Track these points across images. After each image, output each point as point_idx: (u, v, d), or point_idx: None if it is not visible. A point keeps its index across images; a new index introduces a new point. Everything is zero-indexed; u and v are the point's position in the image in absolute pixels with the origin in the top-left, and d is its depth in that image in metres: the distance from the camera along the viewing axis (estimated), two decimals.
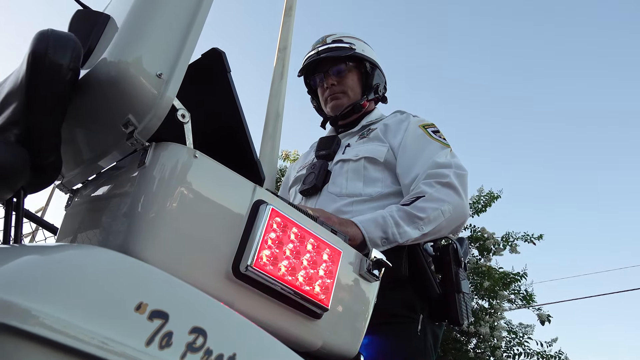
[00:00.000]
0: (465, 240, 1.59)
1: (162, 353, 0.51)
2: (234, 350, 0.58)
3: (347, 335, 1.03)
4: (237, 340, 0.60)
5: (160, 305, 0.54)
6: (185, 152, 0.84)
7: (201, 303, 0.60)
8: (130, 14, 0.89)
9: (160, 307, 0.53)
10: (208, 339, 0.56)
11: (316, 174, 1.65)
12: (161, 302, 0.54)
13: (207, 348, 0.55)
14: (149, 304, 0.53)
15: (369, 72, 1.81)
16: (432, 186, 1.43)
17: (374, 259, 1.06)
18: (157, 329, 0.52)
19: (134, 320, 0.51)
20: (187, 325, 0.55)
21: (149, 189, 0.81)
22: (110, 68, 0.85)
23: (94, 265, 0.52)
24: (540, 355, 7.75)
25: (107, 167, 0.99)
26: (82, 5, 1.01)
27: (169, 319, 0.53)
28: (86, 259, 0.52)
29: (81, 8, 1.01)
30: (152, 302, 0.53)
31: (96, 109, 0.89)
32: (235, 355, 0.57)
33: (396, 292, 1.37)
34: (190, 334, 0.55)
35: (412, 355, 1.34)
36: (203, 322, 0.57)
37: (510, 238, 8.27)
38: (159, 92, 0.82)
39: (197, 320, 0.57)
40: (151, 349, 0.51)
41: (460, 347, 7.74)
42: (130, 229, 0.78)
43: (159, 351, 0.51)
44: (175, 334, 0.53)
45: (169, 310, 0.54)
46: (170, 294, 0.57)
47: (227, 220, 0.86)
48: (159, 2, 0.87)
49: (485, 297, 7.99)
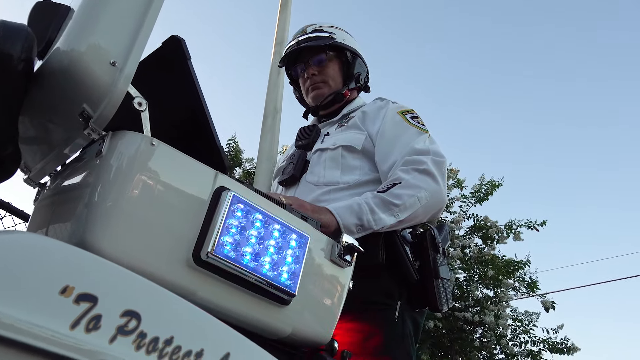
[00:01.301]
0: (446, 227, 1.58)
1: (89, 336, 0.51)
2: (171, 333, 0.57)
3: (319, 322, 1.02)
4: (175, 322, 0.60)
5: (88, 288, 0.53)
6: (142, 140, 0.83)
7: (136, 286, 0.59)
8: (84, 2, 0.88)
9: (88, 290, 0.53)
10: (142, 322, 0.55)
11: (294, 164, 1.65)
12: (89, 285, 0.53)
13: (141, 331, 0.54)
14: (75, 287, 0.52)
15: (350, 61, 1.79)
16: (408, 173, 1.42)
17: (345, 244, 1.05)
18: (84, 312, 0.51)
19: (59, 304, 0.50)
20: (118, 308, 0.55)
21: (106, 178, 0.81)
22: (63, 57, 0.84)
23: (14, 251, 0.51)
24: (546, 342, 7.74)
25: (71, 159, 0.99)
26: None
27: (97, 302, 0.53)
28: (6, 245, 0.51)
29: (41, 0, 1.00)
30: (78, 285, 0.52)
31: (53, 100, 0.89)
32: (173, 338, 0.57)
33: (373, 279, 1.37)
34: (122, 317, 0.54)
35: (390, 342, 1.33)
36: (137, 305, 0.56)
37: (513, 226, 8.27)
38: (112, 80, 0.81)
39: (130, 303, 0.56)
40: (76, 333, 0.50)
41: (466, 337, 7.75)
42: (88, 219, 0.78)
43: (85, 334, 0.51)
44: (105, 317, 0.53)
45: (98, 294, 0.54)
46: (101, 277, 0.56)
47: (187, 207, 0.85)
48: None
49: (489, 286, 7.99)
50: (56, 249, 0.54)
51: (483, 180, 8.57)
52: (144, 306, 0.57)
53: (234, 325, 0.93)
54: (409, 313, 1.41)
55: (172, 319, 0.60)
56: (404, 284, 1.41)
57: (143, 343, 0.54)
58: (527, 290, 8.02)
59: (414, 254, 1.43)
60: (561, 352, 7.66)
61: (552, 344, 7.69)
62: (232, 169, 9.01)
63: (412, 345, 1.38)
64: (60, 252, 0.54)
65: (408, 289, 1.42)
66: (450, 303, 1.43)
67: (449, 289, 1.42)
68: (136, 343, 0.54)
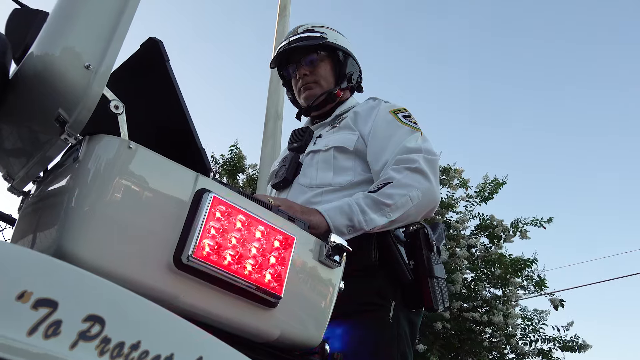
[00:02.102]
0: (441, 225, 1.56)
1: (47, 342, 0.49)
2: (138, 337, 0.55)
3: (308, 324, 1.00)
4: (143, 326, 0.58)
5: (47, 293, 0.52)
6: (119, 143, 0.82)
7: (100, 290, 0.58)
8: (58, 6, 0.87)
9: (47, 295, 0.51)
10: (106, 327, 0.54)
11: (287, 167, 1.63)
12: (49, 291, 0.52)
13: (105, 336, 0.53)
14: (33, 292, 0.51)
15: (342, 61, 1.78)
16: (400, 172, 1.40)
17: (333, 244, 1.03)
18: (43, 318, 0.50)
19: (15, 310, 0.49)
20: (80, 313, 0.53)
21: (83, 183, 0.80)
22: (37, 62, 0.83)
23: None
24: (557, 340, 7.66)
25: (52, 165, 0.98)
26: (19, 4, 1.00)
27: (57, 307, 0.51)
28: None
29: (18, 7, 1.00)
30: (37, 291, 0.51)
31: (29, 105, 0.88)
32: (140, 342, 0.55)
33: (366, 280, 1.35)
34: (85, 322, 0.53)
35: (385, 343, 1.31)
36: (101, 310, 0.55)
37: (519, 224, 8.20)
38: (87, 83, 0.80)
39: (93, 307, 0.54)
40: (33, 339, 0.49)
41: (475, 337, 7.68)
42: (64, 225, 0.77)
43: (44, 340, 0.49)
44: (65, 323, 0.51)
45: (59, 298, 0.52)
46: (62, 282, 0.55)
47: (167, 210, 0.84)
48: None
49: (497, 285, 7.93)
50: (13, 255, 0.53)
51: (487, 179, 8.52)
52: (108, 310, 0.56)
53: (220, 329, 0.92)
54: (404, 313, 1.39)
55: (139, 323, 0.58)
56: (398, 284, 1.39)
57: (107, 348, 0.53)
58: (536, 288, 7.95)
59: (407, 253, 1.41)
60: (572, 350, 7.57)
61: (562, 342, 7.60)
62: (236, 175, 9.02)
63: (408, 346, 1.36)
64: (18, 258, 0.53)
65: (402, 289, 1.40)
66: (447, 302, 1.41)
67: (444, 288, 1.40)
68: (99, 348, 0.52)
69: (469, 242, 7.96)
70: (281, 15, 6.82)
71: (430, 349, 6.91)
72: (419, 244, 1.42)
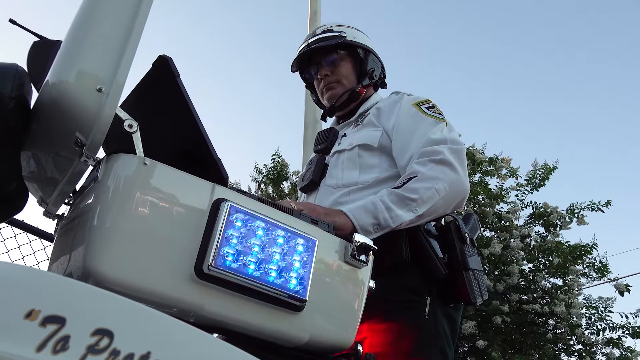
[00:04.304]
0: (473, 216, 1.51)
1: (56, 357, 0.51)
2: (147, 348, 0.56)
3: (338, 326, 0.99)
4: (153, 337, 0.59)
5: (54, 310, 0.53)
6: (135, 161, 0.84)
7: (108, 304, 0.59)
8: (69, 35, 0.91)
9: (54, 312, 0.53)
10: (115, 340, 0.55)
11: (313, 169, 1.63)
12: (56, 308, 0.54)
13: (114, 349, 0.54)
14: (41, 310, 0.52)
15: (363, 58, 1.76)
16: (424, 165, 1.37)
17: (358, 244, 1.02)
18: (51, 334, 0.52)
19: (24, 328, 0.51)
20: (88, 327, 0.55)
21: (103, 201, 0.82)
22: (52, 89, 0.87)
23: None
24: (626, 327, 7.28)
25: (80, 186, 1.02)
26: (37, 37, 1.05)
27: (65, 322, 0.53)
28: None
29: (38, 39, 1.04)
30: (45, 308, 0.53)
31: (51, 132, 0.92)
32: (150, 353, 0.56)
33: (399, 277, 1.32)
34: (93, 335, 0.54)
35: (422, 340, 1.28)
36: (109, 323, 0.56)
37: (575, 210, 7.87)
38: (100, 106, 0.83)
39: (101, 321, 0.56)
40: (43, 355, 0.50)
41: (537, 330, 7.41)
42: (89, 243, 0.80)
43: (53, 356, 0.51)
44: (74, 337, 0.53)
45: (66, 315, 0.54)
46: (69, 298, 0.56)
47: (186, 222, 0.86)
48: (94, 18, 0.88)
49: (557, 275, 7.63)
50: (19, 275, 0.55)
51: (537, 166, 8.22)
52: (116, 323, 0.57)
53: (249, 336, 0.92)
54: (441, 309, 1.35)
55: (149, 334, 0.59)
56: (432, 279, 1.36)
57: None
58: (598, 275, 7.59)
59: (440, 247, 1.37)
60: None
61: (632, 329, 7.22)
62: (280, 183, 9.10)
63: (448, 343, 1.32)
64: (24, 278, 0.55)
65: (437, 284, 1.37)
66: (485, 294, 1.36)
67: (481, 280, 1.35)
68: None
69: (522, 232, 7.70)
70: (312, 20, 6.87)
71: (491, 345, 6.72)
72: (451, 237, 1.38)
